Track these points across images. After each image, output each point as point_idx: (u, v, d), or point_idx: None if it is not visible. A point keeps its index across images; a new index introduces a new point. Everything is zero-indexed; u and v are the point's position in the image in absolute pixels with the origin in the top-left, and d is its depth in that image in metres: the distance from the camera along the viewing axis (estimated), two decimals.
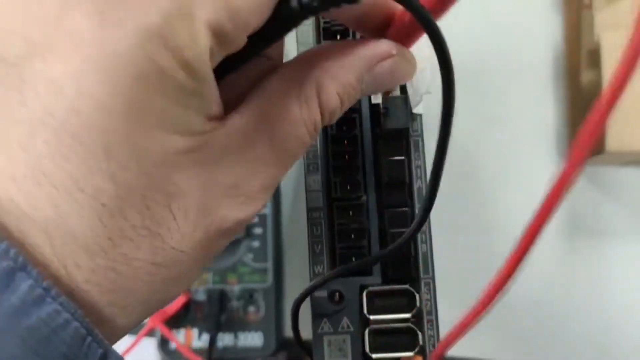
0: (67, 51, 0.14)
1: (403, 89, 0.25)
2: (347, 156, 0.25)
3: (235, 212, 0.17)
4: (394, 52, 0.19)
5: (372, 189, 0.25)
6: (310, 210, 0.25)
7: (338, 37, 0.26)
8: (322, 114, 0.19)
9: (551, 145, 0.45)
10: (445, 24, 0.23)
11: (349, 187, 0.25)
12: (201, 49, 0.15)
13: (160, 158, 0.15)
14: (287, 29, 0.18)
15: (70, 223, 0.14)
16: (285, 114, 0.18)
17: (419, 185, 0.25)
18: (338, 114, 0.19)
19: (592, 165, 0.43)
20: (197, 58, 0.15)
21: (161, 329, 0.38)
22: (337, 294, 0.25)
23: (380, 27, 0.20)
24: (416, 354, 0.24)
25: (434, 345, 0.24)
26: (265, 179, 0.18)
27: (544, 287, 0.43)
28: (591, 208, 0.44)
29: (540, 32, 0.46)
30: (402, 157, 0.25)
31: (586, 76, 0.43)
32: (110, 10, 0.14)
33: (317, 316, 0.25)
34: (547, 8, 0.46)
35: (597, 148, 0.39)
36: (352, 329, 0.24)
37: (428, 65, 0.23)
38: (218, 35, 0.15)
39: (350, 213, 0.25)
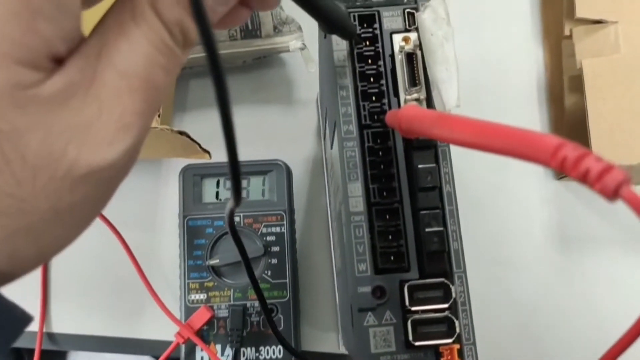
0: None
1: (431, 105, 0.28)
2: (382, 165, 0.28)
3: (87, 156, 0.16)
4: None
5: (406, 194, 0.28)
6: (352, 214, 0.28)
7: (369, 61, 0.29)
8: (168, 29, 0.17)
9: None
10: (451, 46, 0.27)
11: (385, 193, 0.28)
12: None
13: None
14: None
15: None
16: (124, 36, 0.16)
17: (448, 189, 0.28)
18: (188, 25, 0.17)
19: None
20: None
21: (194, 340, 0.40)
22: (379, 289, 0.27)
23: None
24: (454, 341, 0.26)
25: (469, 333, 0.27)
26: (122, 115, 0.16)
27: (537, 290, 0.46)
28: (578, 220, 0.48)
29: (524, 62, 0.50)
30: (433, 165, 0.28)
31: (569, 100, 0.47)
32: None
33: (362, 310, 0.27)
34: (528, 40, 0.51)
35: None
36: (394, 320, 0.27)
37: (456, 79, 0.27)
38: None
39: (387, 216, 0.28)
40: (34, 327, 0.44)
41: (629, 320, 0.46)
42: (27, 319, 0.17)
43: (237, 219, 0.43)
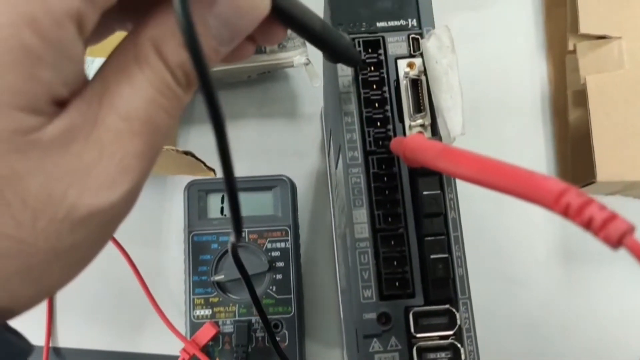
0: None
1: (436, 131, 0.28)
2: (387, 191, 0.28)
3: (87, 199, 0.16)
4: None
5: (411, 220, 0.28)
6: (357, 240, 0.28)
7: (374, 86, 0.29)
8: (171, 72, 0.17)
9: None
10: (456, 74, 0.27)
11: (390, 219, 0.28)
12: (54, 5, 0.14)
13: None
14: None
15: None
16: (126, 80, 0.17)
17: (453, 216, 0.28)
18: (189, 68, 0.17)
19: None
20: (48, 16, 0.14)
21: (199, 356, 0.40)
22: (384, 316, 0.27)
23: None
24: None
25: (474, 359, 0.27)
26: (123, 158, 0.16)
27: (540, 307, 0.47)
28: (583, 235, 0.48)
29: (529, 76, 0.50)
30: (438, 191, 0.28)
31: (573, 114, 0.47)
32: None
33: (368, 337, 0.27)
34: (532, 54, 0.51)
35: (588, 179, 0.43)
36: (400, 347, 0.27)
37: (461, 107, 0.27)
38: None
39: (392, 242, 0.28)
40: (40, 341, 0.45)
41: (634, 337, 0.47)
42: (28, 350, 0.18)
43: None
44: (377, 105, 0.29)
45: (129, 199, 0.17)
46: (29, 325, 0.18)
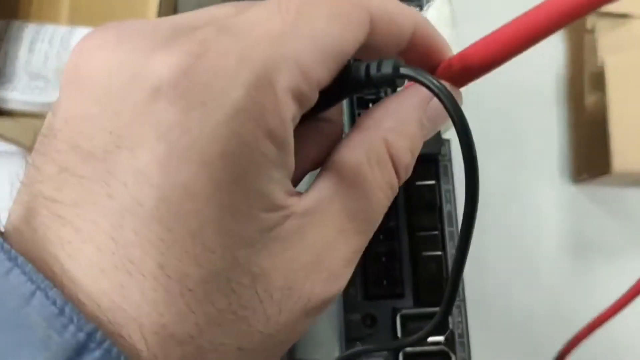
0: (152, 140, 0.14)
1: None
2: None
3: (319, 290, 0.17)
4: None
5: (402, 212, 0.26)
6: None
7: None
8: (397, 173, 0.18)
9: (555, 165, 0.46)
10: (455, 51, 0.24)
11: None
12: (284, 115, 0.15)
13: (245, 239, 0.15)
14: (350, 93, 0.18)
15: (159, 310, 0.14)
16: (359, 182, 0.18)
17: (449, 209, 0.26)
18: (411, 168, 0.19)
19: (597, 185, 0.45)
20: (281, 125, 0.15)
21: None
22: (370, 317, 0.25)
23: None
24: None
25: None
26: (347, 252, 0.17)
27: (551, 302, 0.44)
28: (596, 227, 0.45)
29: (544, 56, 0.47)
30: (433, 182, 0.25)
31: (590, 98, 0.44)
32: (194, 94, 0.14)
33: (351, 340, 0.25)
34: None
35: (603, 169, 0.40)
36: (385, 352, 0.25)
37: None
38: (298, 98, 0.15)
39: (381, 237, 0.26)
40: None
41: None
42: None
43: None
44: None
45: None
46: None
